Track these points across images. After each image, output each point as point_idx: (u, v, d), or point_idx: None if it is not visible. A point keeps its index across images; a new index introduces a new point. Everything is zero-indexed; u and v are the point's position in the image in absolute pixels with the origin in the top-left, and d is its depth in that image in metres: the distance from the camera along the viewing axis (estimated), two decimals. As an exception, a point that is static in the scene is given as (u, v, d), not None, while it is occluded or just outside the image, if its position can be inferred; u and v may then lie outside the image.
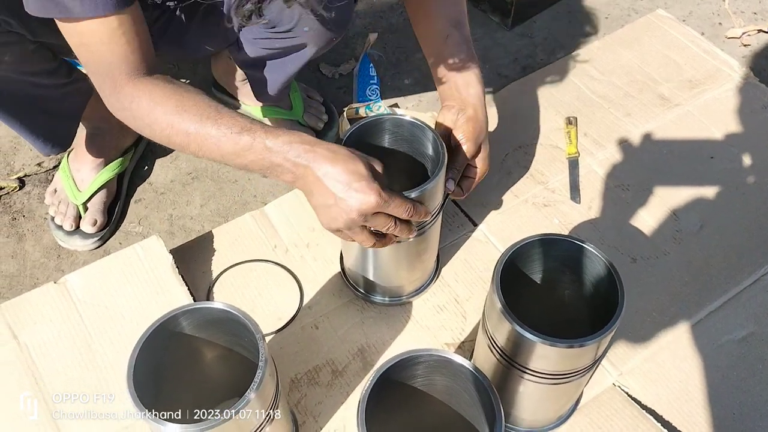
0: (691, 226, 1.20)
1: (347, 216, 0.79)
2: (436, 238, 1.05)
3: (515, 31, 1.63)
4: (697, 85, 1.42)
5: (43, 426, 0.96)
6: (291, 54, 1.14)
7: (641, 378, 1.03)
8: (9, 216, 1.31)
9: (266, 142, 0.79)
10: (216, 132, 0.81)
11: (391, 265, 1.03)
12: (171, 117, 0.82)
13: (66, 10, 0.77)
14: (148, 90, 0.84)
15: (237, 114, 0.83)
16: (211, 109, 0.82)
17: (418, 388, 0.81)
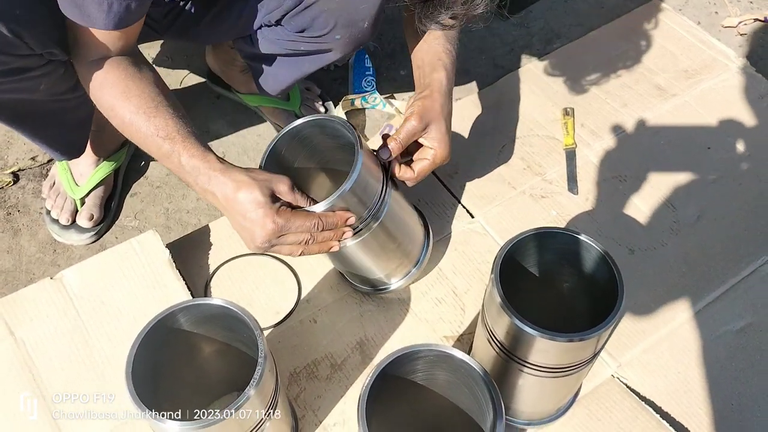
0: (688, 216, 1.20)
1: (255, 243, 0.83)
2: (400, 226, 1.00)
3: (511, 21, 1.62)
4: (694, 75, 1.42)
5: (41, 425, 0.95)
6: (313, 55, 1.12)
7: (640, 369, 1.03)
8: (4, 211, 1.30)
9: (181, 159, 0.83)
10: (145, 129, 0.84)
11: (356, 263, 1.00)
12: (114, 101, 0.86)
13: (90, 20, 0.82)
14: (106, 68, 0.87)
15: (172, 115, 0.85)
16: (152, 103, 0.85)
17: (418, 383, 0.81)
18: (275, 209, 0.81)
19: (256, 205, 0.80)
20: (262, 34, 1.11)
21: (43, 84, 0.95)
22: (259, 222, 0.80)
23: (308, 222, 0.82)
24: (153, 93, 0.86)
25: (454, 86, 1.03)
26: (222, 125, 1.43)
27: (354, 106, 1.44)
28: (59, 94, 1.00)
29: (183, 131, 0.84)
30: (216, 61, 1.41)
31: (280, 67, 1.18)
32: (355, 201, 0.87)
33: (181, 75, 1.51)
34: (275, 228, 0.80)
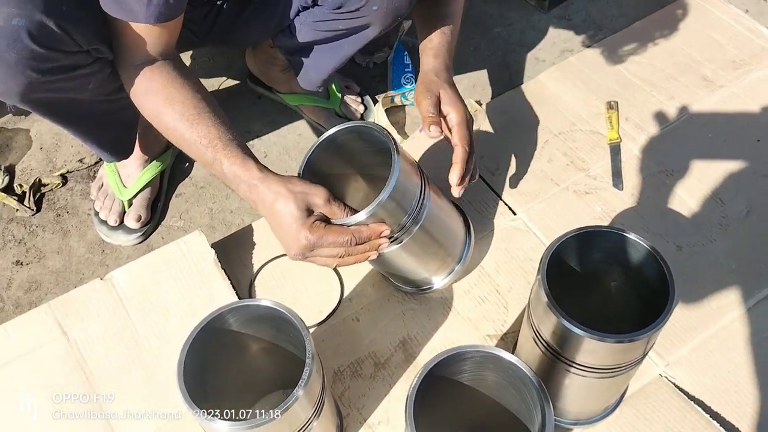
0: (737, 211, 1.18)
1: (289, 253, 0.86)
2: (441, 227, 0.99)
3: (552, 14, 1.60)
4: (742, 65, 1.38)
5: (95, 425, 0.98)
6: (351, 35, 1.12)
7: (688, 368, 1.01)
8: (53, 212, 1.34)
9: (222, 167, 0.85)
10: (188, 136, 0.86)
11: (398, 267, 1.00)
12: (158, 107, 0.89)
13: (132, 14, 0.84)
14: (150, 75, 0.90)
15: (215, 123, 0.87)
16: (194, 110, 0.87)
17: (464, 383, 0.81)
18: (309, 224, 0.82)
19: (291, 219, 0.82)
20: (299, 20, 1.12)
21: (92, 83, 0.98)
22: (292, 235, 0.83)
23: (341, 238, 0.83)
24: (195, 100, 0.88)
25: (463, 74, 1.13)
26: (263, 125, 1.45)
27: (394, 104, 1.44)
28: (107, 95, 1.02)
29: (224, 138, 0.86)
30: (256, 63, 1.43)
31: (320, 56, 1.19)
32: (394, 207, 0.87)
33: (222, 76, 1.53)
34: (307, 244, 0.82)
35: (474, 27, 1.58)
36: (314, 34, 1.12)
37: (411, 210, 0.90)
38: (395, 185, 0.84)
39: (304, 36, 1.13)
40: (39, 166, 1.41)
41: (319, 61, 1.19)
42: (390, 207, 0.86)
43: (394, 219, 0.88)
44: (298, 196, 0.83)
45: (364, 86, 1.49)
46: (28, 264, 1.27)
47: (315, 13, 1.08)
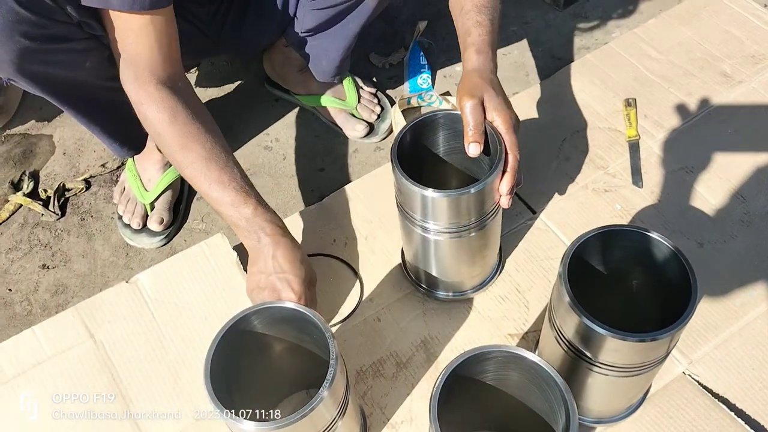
0: (759, 207, 1.17)
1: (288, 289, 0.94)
2: (497, 232, 1.04)
3: (568, 11, 1.59)
4: (761, 60, 1.37)
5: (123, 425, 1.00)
6: (353, 10, 1.14)
7: (712, 366, 1.01)
8: (78, 216, 1.36)
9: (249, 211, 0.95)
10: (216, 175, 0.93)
11: (453, 260, 1.03)
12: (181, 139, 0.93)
13: (107, 1, 0.85)
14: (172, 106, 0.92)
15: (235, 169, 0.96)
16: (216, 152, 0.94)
17: (487, 383, 0.81)
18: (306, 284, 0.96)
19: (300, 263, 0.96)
20: (301, 8, 1.15)
21: (89, 61, 0.99)
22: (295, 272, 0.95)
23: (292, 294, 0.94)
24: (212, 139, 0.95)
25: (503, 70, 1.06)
26: (281, 127, 1.46)
27: (410, 105, 1.44)
28: (108, 80, 1.02)
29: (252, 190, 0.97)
30: (273, 66, 1.44)
31: (329, 41, 1.21)
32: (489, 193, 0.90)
33: (240, 80, 1.55)
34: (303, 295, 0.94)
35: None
36: (317, 16, 1.14)
37: (491, 208, 0.93)
38: (498, 168, 0.88)
39: (309, 22, 1.16)
40: (62, 171, 1.43)
41: (328, 47, 1.21)
42: (488, 189, 0.89)
43: (476, 210, 0.91)
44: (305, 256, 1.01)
45: (381, 87, 1.50)
46: (54, 268, 1.29)
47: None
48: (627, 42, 1.44)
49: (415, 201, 0.91)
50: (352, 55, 1.33)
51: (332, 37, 1.20)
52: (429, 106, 1.45)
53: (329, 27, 1.18)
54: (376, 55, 1.56)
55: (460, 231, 0.94)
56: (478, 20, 0.98)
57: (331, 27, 1.17)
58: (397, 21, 1.62)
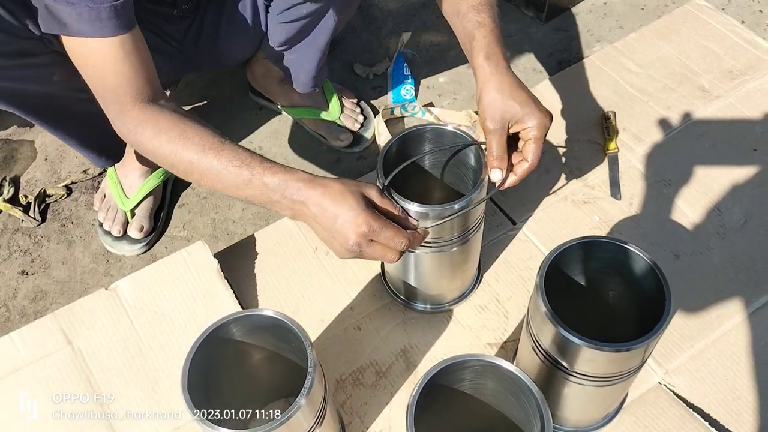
0: (734, 220, 1.19)
1: (347, 244, 0.79)
2: (478, 246, 1.05)
3: (550, 25, 1.62)
4: (738, 75, 1.40)
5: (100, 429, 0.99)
6: (318, 24, 1.15)
7: (687, 376, 1.02)
8: (58, 223, 1.35)
9: (264, 179, 0.80)
10: (217, 164, 0.82)
11: (433, 274, 1.03)
12: (174, 145, 0.83)
13: (66, 28, 0.81)
14: (154, 118, 0.85)
15: (239, 147, 0.83)
16: (214, 140, 0.83)
17: (465, 392, 0.82)
18: (369, 212, 0.78)
19: (349, 208, 0.77)
20: (270, 18, 1.16)
21: (56, 75, 0.97)
22: (352, 223, 0.77)
23: (398, 238, 0.79)
24: (209, 130, 0.85)
25: None
26: (265, 136, 1.46)
27: (393, 115, 1.45)
28: (80, 91, 0.98)
29: (256, 156, 0.83)
30: (255, 76, 1.45)
31: (301, 55, 1.22)
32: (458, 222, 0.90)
33: (225, 87, 1.55)
34: (367, 231, 0.77)
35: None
36: (285, 30, 1.15)
37: (475, 222, 0.94)
38: (483, 185, 0.89)
39: (279, 36, 1.17)
40: (44, 177, 1.43)
41: (302, 60, 1.22)
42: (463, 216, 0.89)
43: (459, 226, 0.92)
44: (353, 188, 0.79)
45: (364, 97, 1.51)
46: (33, 274, 1.28)
47: (278, 3, 1.11)
48: (607, 56, 1.46)
49: None
50: (335, 65, 1.34)
51: (304, 50, 1.21)
52: (412, 116, 1.46)
53: (300, 40, 1.19)
54: (360, 65, 1.57)
55: (442, 246, 0.94)
56: (478, 21, 0.93)
57: (301, 40, 1.19)
58: (382, 32, 1.64)
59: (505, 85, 0.89)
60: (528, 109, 0.88)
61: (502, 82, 0.89)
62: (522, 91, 0.89)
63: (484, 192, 0.91)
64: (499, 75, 0.89)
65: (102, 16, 0.80)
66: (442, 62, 1.57)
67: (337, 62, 1.58)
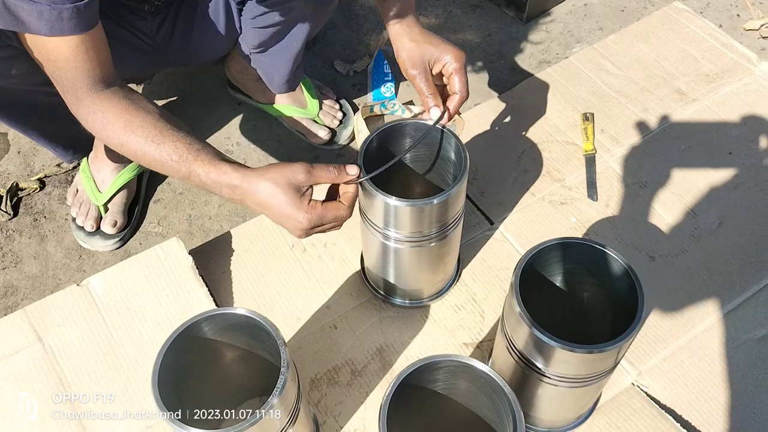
0: (709, 223, 1.20)
1: (296, 235, 0.84)
2: (458, 241, 1.05)
3: (530, 26, 1.62)
4: (715, 79, 1.41)
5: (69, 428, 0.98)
6: (292, 29, 1.15)
7: (660, 377, 1.03)
8: (30, 217, 1.33)
9: (200, 177, 0.83)
10: (158, 157, 0.84)
11: (412, 269, 1.03)
12: (120, 137, 0.85)
13: (24, 25, 0.80)
14: (102, 107, 0.86)
15: (179, 138, 0.84)
16: (156, 131, 0.84)
17: (438, 392, 0.81)
18: (304, 206, 0.81)
19: (284, 205, 0.80)
20: (244, 22, 1.15)
21: (15, 69, 0.95)
22: (291, 220, 0.81)
23: (339, 211, 0.83)
24: (154, 119, 0.86)
25: None
26: (243, 132, 1.45)
27: (373, 113, 1.45)
28: (41, 85, 0.97)
29: (192, 149, 0.84)
30: (232, 73, 1.44)
31: (275, 58, 1.22)
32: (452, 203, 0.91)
33: (203, 82, 1.53)
34: (308, 225, 0.81)
35: (453, 38, 1.59)
36: (259, 34, 1.15)
37: (454, 217, 0.94)
38: (463, 180, 0.89)
39: (252, 39, 1.17)
40: (16, 170, 1.40)
41: (277, 63, 1.22)
42: (451, 200, 0.89)
43: (438, 220, 0.92)
44: (281, 181, 0.81)
45: (344, 95, 1.50)
46: (4, 269, 1.26)
47: (251, 8, 1.11)
48: (587, 57, 1.47)
49: (377, 209, 0.91)
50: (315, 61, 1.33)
51: (278, 53, 1.20)
52: (392, 114, 1.45)
53: (273, 44, 1.19)
54: (341, 62, 1.57)
55: (421, 240, 0.94)
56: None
57: (275, 44, 1.19)
58: (362, 29, 1.63)
59: (416, 35, 0.97)
60: (441, 47, 0.95)
61: (413, 33, 0.97)
62: (433, 36, 0.97)
63: (464, 186, 0.91)
64: (410, 29, 0.98)
65: (63, 15, 0.79)
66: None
67: (317, 59, 1.57)
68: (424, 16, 1.64)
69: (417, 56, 0.95)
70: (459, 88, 0.94)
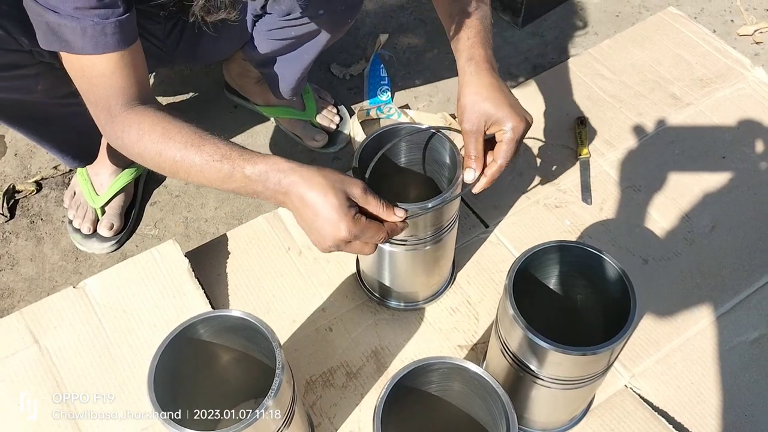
0: (702, 226, 1.21)
1: (324, 243, 0.79)
2: (453, 244, 1.06)
3: (526, 30, 1.63)
4: (709, 83, 1.42)
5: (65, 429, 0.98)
6: (306, 43, 1.15)
7: (653, 380, 1.04)
8: (27, 219, 1.33)
9: (244, 171, 0.79)
10: (199, 160, 0.81)
11: (408, 272, 1.04)
12: (158, 145, 0.83)
13: (68, 45, 0.80)
14: (137, 120, 0.85)
15: (220, 140, 0.82)
16: (196, 136, 0.82)
17: (432, 393, 0.82)
18: (351, 216, 0.77)
19: (331, 208, 0.77)
20: (257, 31, 1.15)
21: (41, 84, 0.96)
22: (331, 225, 0.77)
23: (379, 234, 0.80)
24: (191, 127, 0.84)
25: None
26: (240, 136, 1.46)
27: (369, 117, 1.45)
28: (61, 97, 1.00)
29: (235, 148, 0.81)
30: (231, 75, 1.44)
31: (284, 66, 1.22)
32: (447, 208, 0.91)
33: (199, 84, 1.54)
34: (347, 236, 0.77)
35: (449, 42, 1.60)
36: (272, 44, 1.15)
37: (449, 221, 0.95)
38: (457, 184, 0.89)
39: (264, 47, 1.17)
40: (13, 172, 1.40)
41: (284, 71, 1.22)
42: (437, 213, 0.90)
43: (433, 224, 0.92)
44: (336, 185, 0.77)
45: (340, 98, 1.51)
46: (0, 271, 1.26)
47: (267, 21, 1.11)
48: (581, 62, 1.48)
49: None
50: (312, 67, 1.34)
51: (288, 63, 1.21)
52: (388, 118, 1.46)
53: (284, 53, 1.19)
54: (337, 65, 1.57)
55: (416, 244, 0.95)
56: (466, 22, 0.94)
57: (286, 54, 1.19)
58: (359, 33, 1.64)
59: (484, 87, 0.89)
60: (504, 112, 0.88)
61: (480, 84, 0.90)
62: (501, 93, 0.90)
63: (459, 190, 0.92)
64: (479, 77, 0.90)
65: (107, 31, 0.79)
66: (418, 64, 1.57)
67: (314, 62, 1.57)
68: (419, 20, 1.65)
69: (476, 112, 0.89)
70: (502, 158, 0.89)
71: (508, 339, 0.84)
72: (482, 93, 0.89)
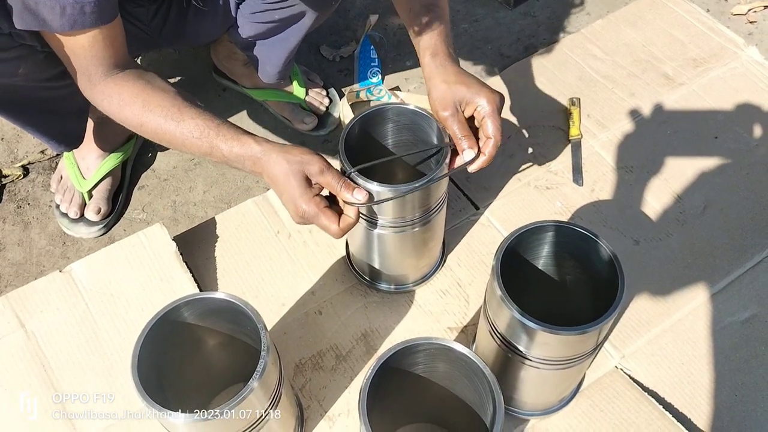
0: (694, 207, 1.20)
1: (293, 219, 0.85)
2: (442, 225, 1.05)
3: (518, 11, 1.61)
4: (702, 63, 1.41)
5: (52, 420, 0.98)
6: (291, 26, 1.14)
7: (643, 360, 1.03)
8: (14, 204, 1.32)
9: (222, 152, 0.84)
10: (179, 134, 0.85)
11: (397, 254, 1.03)
12: (139, 117, 0.87)
13: (45, 24, 0.81)
14: (117, 90, 0.87)
15: (198, 115, 0.85)
16: (174, 109, 0.86)
17: (419, 375, 0.82)
18: (307, 197, 0.82)
19: (291, 189, 0.82)
20: (241, 14, 1.14)
21: (22, 68, 0.95)
22: (292, 204, 0.83)
23: (331, 228, 0.83)
24: (171, 98, 0.87)
25: None
26: (228, 118, 1.44)
27: (359, 98, 1.44)
28: (44, 81, 0.99)
29: (213, 125, 0.85)
30: (219, 57, 1.42)
31: (270, 49, 1.21)
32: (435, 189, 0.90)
33: (187, 68, 1.52)
34: (303, 215, 0.83)
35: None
36: (256, 27, 1.14)
37: (437, 202, 0.94)
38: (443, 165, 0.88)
39: (248, 30, 1.16)
40: (0, 157, 1.39)
41: (270, 54, 1.21)
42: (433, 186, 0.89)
43: (421, 206, 0.92)
44: (295, 166, 0.82)
45: (331, 80, 1.49)
46: (-13, 256, 1.25)
47: (250, 4, 1.10)
48: (574, 42, 1.46)
49: None
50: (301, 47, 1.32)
51: (274, 46, 1.20)
52: (378, 100, 1.45)
53: (270, 36, 1.18)
54: (327, 47, 1.56)
55: (404, 226, 0.94)
56: (426, 20, 0.96)
57: (271, 37, 1.18)
58: (349, 14, 1.62)
59: (450, 75, 0.92)
60: (474, 89, 0.91)
61: (446, 73, 0.93)
62: (467, 76, 0.92)
63: (445, 171, 0.90)
64: (444, 68, 0.93)
65: (86, 10, 0.80)
66: (409, 46, 1.54)
67: (303, 44, 1.55)
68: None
69: (448, 97, 0.91)
70: (492, 132, 0.90)
71: (497, 320, 0.83)
72: (449, 79, 0.92)
